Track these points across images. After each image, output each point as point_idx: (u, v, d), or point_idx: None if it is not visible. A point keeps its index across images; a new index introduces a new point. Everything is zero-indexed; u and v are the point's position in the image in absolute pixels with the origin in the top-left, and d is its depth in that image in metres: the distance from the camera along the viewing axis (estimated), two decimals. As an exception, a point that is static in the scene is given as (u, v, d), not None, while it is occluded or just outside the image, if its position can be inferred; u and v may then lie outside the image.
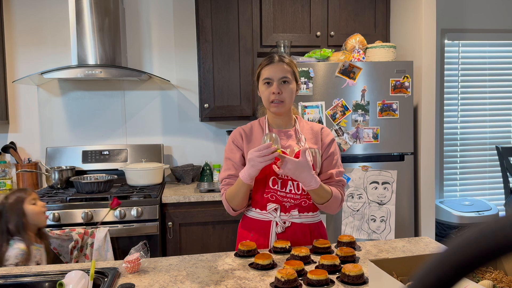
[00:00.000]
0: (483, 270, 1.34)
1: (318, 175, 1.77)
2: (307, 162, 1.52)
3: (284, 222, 1.68)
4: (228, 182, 1.72)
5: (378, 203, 2.69)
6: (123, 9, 3.15)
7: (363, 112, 2.68)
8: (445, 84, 3.66)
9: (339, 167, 1.77)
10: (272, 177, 1.67)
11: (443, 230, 3.35)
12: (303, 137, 1.74)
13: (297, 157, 1.66)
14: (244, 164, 1.73)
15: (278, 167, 1.54)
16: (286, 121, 1.76)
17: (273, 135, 1.55)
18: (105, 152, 3.11)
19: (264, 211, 1.69)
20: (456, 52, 3.66)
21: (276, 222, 1.68)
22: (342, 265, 1.37)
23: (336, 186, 1.71)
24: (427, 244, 1.68)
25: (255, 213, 1.72)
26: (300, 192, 1.67)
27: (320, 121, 2.65)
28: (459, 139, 3.74)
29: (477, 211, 3.34)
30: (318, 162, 1.73)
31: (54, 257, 2.08)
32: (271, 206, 1.67)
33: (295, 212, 1.68)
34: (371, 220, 2.69)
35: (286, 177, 1.67)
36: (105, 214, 2.42)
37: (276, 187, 1.67)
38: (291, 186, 1.67)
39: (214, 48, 2.96)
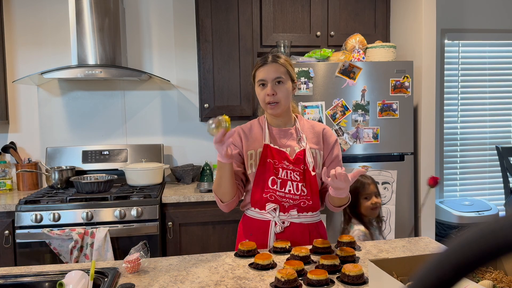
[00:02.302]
0: (483, 270, 1.34)
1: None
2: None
3: (283, 222, 1.68)
4: None
5: (378, 203, 2.68)
6: (123, 9, 3.15)
7: (363, 112, 2.68)
8: (445, 84, 3.66)
9: (343, 167, 1.77)
10: (271, 177, 1.66)
11: (443, 230, 3.35)
12: (304, 136, 1.73)
13: (301, 157, 1.67)
14: (240, 161, 1.74)
15: (328, 177, 1.47)
16: (286, 120, 1.75)
17: (219, 117, 1.50)
18: (105, 152, 3.11)
19: (263, 211, 1.69)
20: (456, 52, 3.66)
21: (275, 222, 1.68)
22: (342, 265, 1.37)
23: None
24: (427, 244, 1.68)
25: (254, 213, 1.72)
26: (299, 192, 1.67)
27: (320, 121, 2.64)
28: (459, 139, 3.74)
29: (477, 211, 3.34)
30: (318, 163, 1.73)
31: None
32: (270, 206, 1.67)
33: (294, 212, 1.68)
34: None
35: (285, 178, 1.67)
36: (426, 192, 2.54)
37: (275, 187, 1.66)
38: (290, 187, 1.67)
39: (214, 48, 2.96)
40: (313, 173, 1.68)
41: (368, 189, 2.03)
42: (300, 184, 1.67)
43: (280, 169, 1.67)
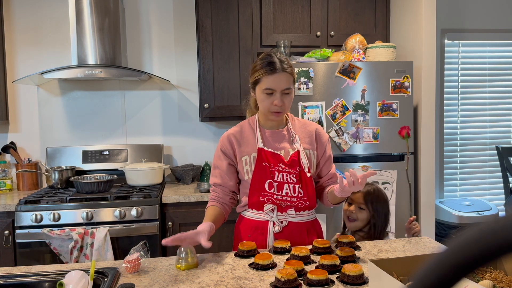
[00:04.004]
0: (483, 270, 1.34)
1: (321, 177, 1.79)
2: None
3: (281, 222, 1.68)
4: (214, 190, 1.76)
5: (378, 203, 2.68)
6: (123, 9, 3.15)
7: (363, 112, 2.68)
8: (445, 84, 3.66)
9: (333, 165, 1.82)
10: (268, 181, 1.66)
11: (443, 230, 3.35)
12: (297, 137, 1.72)
13: (295, 159, 1.67)
14: (232, 172, 1.74)
15: (347, 185, 1.47)
16: (278, 121, 1.74)
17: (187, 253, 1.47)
18: (105, 152, 3.11)
19: (261, 211, 1.69)
20: (456, 52, 3.66)
21: (273, 222, 1.68)
22: (342, 265, 1.37)
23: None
24: (427, 244, 1.68)
25: (251, 214, 1.73)
26: (296, 194, 1.67)
27: (320, 121, 2.65)
28: (459, 139, 3.74)
29: (477, 211, 3.34)
30: (313, 163, 1.73)
31: None
32: (268, 206, 1.67)
33: (291, 211, 1.68)
34: (371, 220, 2.69)
35: (282, 180, 1.67)
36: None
37: (272, 190, 1.66)
38: (287, 189, 1.67)
39: (214, 48, 2.96)
40: (308, 174, 1.69)
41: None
42: (296, 186, 1.67)
43: (276, 172, 1.66)
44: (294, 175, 1.67)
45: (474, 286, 1.13)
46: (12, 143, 3.09)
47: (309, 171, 1.69)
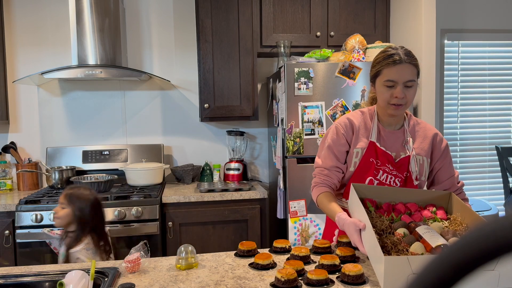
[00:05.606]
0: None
1: (438, 183, 1.69)
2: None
3: None
4: (327, 174, 1.64)
5: (378, 203, 2.68)
6: (123, 9, 3.15)
7: (363, 112, 2.68)
8: (445, 84, 3.66)
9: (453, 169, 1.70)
10: (369, 178, 1.61)
11: (443, 230, 3.34)
12: (410, 140, 1.63)
13: (405, 163, 1.60)
14: (343, 158, 1.65)
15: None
16: (397, 120, 1.64)
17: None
18: (105, 152, 3.11)
19: None
20: (456, 52, 3.66)
21: None
22: (342, 265, 1.37)
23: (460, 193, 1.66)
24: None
25: (344, 204, 1.68)
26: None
27: (320, 121, 2.65)
28: (459, 139, 3.74)
29: (477, 211, 3.34)
30: (425, 170, 1.64)
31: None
32: None
33: None
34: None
35: (384, 181, 1.60)
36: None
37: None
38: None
39: (214, 48, 2.96)
40: (415, 182, 1.61)
41: None
42: (398, 182, 1.60)
43: (381, 171, 1.60)
44: (399, 180, 1.60)
45: (424, 227, 1.30)
46: (12, 143, 3.10)
47: (416, 179, 1.62)
